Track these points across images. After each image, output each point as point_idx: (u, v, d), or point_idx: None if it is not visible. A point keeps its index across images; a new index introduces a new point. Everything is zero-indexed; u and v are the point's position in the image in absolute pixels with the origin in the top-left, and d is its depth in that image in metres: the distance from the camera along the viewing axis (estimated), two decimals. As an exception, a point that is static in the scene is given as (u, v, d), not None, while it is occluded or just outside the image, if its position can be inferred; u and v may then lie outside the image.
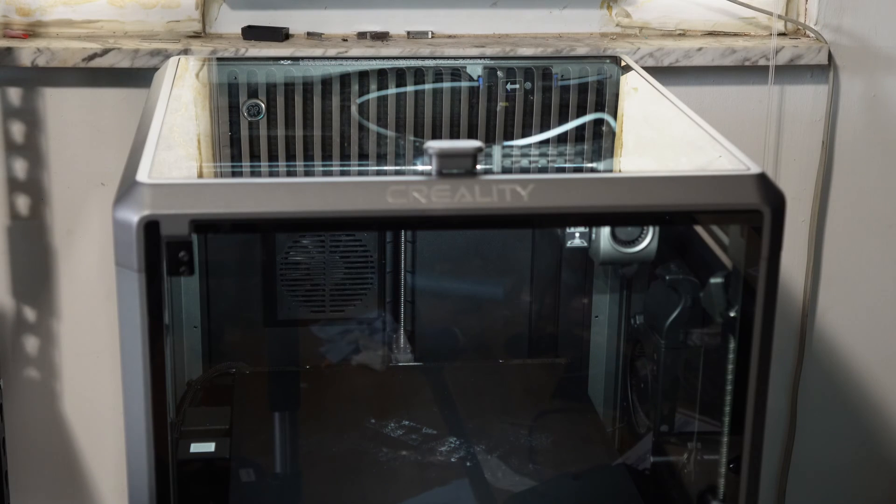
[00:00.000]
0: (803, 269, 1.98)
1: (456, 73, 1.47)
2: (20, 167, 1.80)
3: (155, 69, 1.58)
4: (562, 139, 1.31)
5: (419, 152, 1.20)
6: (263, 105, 1.45)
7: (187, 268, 1.00)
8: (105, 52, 1.75)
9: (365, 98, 1.40)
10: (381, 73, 1.46)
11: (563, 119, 1.36)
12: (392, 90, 1.44)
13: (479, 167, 1.05)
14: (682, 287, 1.29)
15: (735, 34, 1.94)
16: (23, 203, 1.78)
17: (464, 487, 1.38)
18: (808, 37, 1.91)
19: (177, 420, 1.31)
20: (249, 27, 1.85)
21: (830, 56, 1.88)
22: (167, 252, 1.00)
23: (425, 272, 1.57)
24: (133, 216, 0.99)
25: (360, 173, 1.14)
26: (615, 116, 1.35)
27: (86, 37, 1.82)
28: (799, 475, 2.08)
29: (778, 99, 1.90)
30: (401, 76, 1.46)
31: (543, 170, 1.20)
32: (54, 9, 1.85)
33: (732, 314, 1.14)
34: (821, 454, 2.08)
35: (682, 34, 1.93)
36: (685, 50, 1.84)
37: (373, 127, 1.27)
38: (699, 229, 1.25)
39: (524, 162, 1.20)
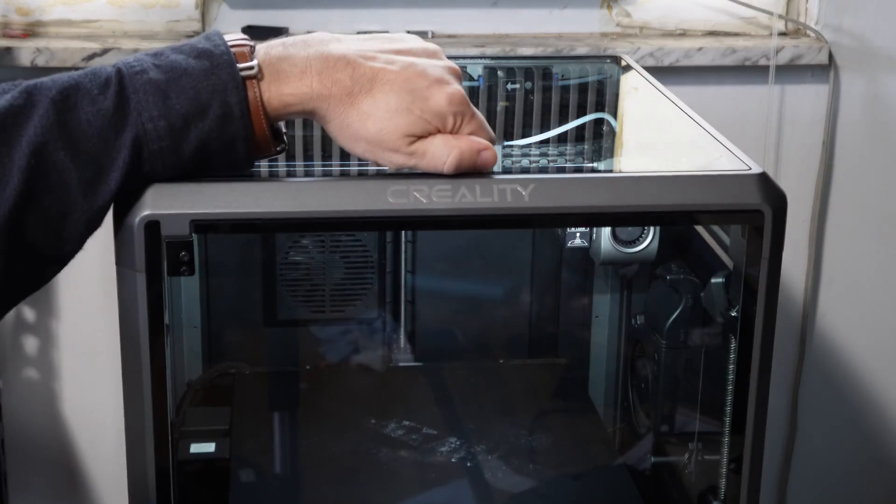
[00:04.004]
0: (804, 269, 1.98)
1: (456, 73, 1.47)
2: (20, 167, 1.79)
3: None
4: (562, 139, 1.31)
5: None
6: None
7: (188, 268, 1.00)
8: (104, 51, 1.75)
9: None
10: (382, 73, 1.46)
11: (563, 119, 1.36)
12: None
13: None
14: (682, 287, 1.29)
15: (735, 34, 1.94)
16: (22, 203, 1.78)
17: (464, 488, 1.37)
18: (809, 36, 1.91)
19: (177, 420, 1.31)
20: (249, 27, 1.85)
21: (831, 56, 1.88)
22: (167, 252, 1.00)
23: (425, 272, 1.57)
24: (133, 216, 0.99)
25: (360, 173, 1.14)
26: (615, 116, 1.35)
27: (85, 36, 1.82)
28: (800, 475, 2.07)
29: (778, 99, 1.90)
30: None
31: (544, 170, 1.20)
32: (53, 8, 1.85)
33: (733, 314, 1.14)
34: (821, 454, 2.08)
35: (683, 34, 1.93)
36: (685, 50, 1.84)
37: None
38: (700, 229, 1.25)
39: (524, 162, 1.20)
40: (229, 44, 0.92)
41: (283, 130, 0.99)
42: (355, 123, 0.94)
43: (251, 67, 0.91)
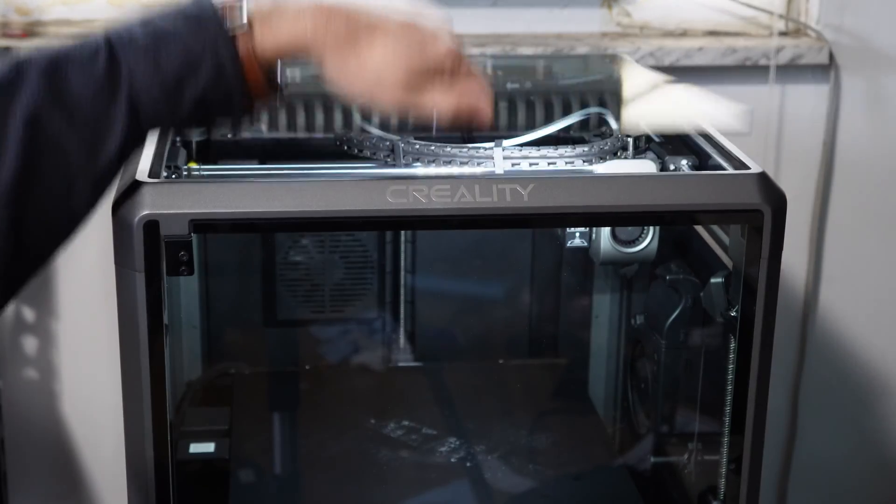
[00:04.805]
0: (804, 269, 1.98)
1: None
2: (20, 167, 1.79)
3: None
4: (562, 140, 1.31)
5: (418, 153, 1.20)
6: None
7: (187, 268, 1.00)
8: (105, 51, 1.75)
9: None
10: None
11: (563, 119, 1.35)
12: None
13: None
14: (682, 287, 1.29)
15: (736, 34, 1.94)
16: (22, 203, 1.78)
17: (464, 488, 1.37)
18: (809, 36, 1.91)
19: (176, 420, 1.31)
20: (249, 27, 1.85)
21: (831, 56, 1.88)
22: (167, 252, 1.00)
23: (425, 272, 1.57)
24: (132, 216, 0.99)
25: (360, 173, 1.15)
26: (615, 116, 1.35)
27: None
28: (799, 475, 2.07)
29: (778, 99, 1.90)
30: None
31: (543, 170, 1.20)
32: (53, 8, 1.85)
33: (733, 314, 1.14)
34: (821, 454, 2.08)
35: (683, 34, 1.93)
36: (686, 49, 1.84)
37: (374, 130, 1.27)
38: (699, 229, 1.25)
39: (524, 162, 1.20)
40: (217, 2, 0.92)
41: (282, 77, 0.97)
42: (353, 65, 0.94)
43: (241, 19, 0.91)
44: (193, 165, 1.20)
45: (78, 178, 0.89)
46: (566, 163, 1.21)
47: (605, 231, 1.33)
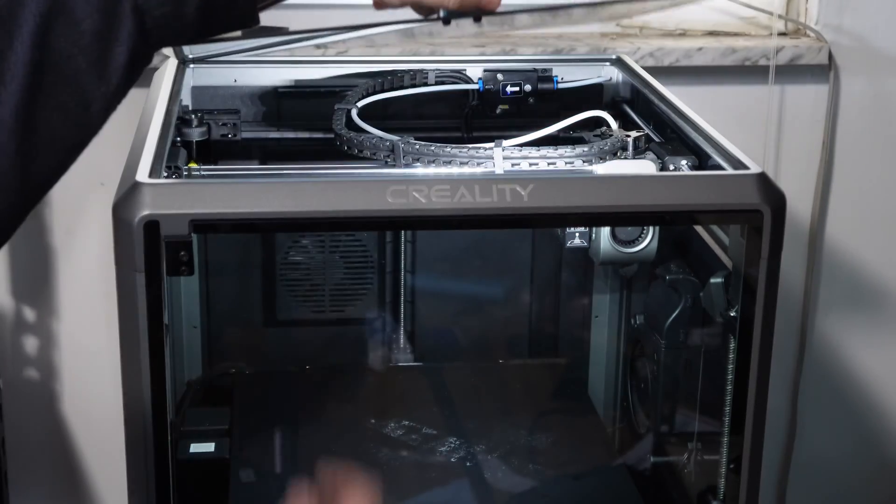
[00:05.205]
0: (803, 269, 1.98)
1: (456, 74, 1.47)
2: (20, 167, 1.79)
3: (155, 69, 1.58)
4: (562, 140, 1.31)
5: (418, 153, 1.20)
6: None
7: (187, 268, 1.00)
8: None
9: (365, 99, 1.40)
10: (381, 74, 1.46)
11: (563, 119, 1.36)
12: (391, 91, 1.44)
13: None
14: (682, 287, 1.29)
15: (735, 34, 1.94)
16: (22, 203, 1.78)
17: (464, 488, 1.37)
18: (809, 36, 1.91)
19: (176, 420, 1.32)
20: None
21: (831, 56, 1.88)
22: (167, 252, 1.00)
23: (425, 272, 1.57)
24: (133, 216, 0.99)
25: (360, 173, 1.15)
26: (615, 116, 1.35)
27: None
28: (799, 475, 2.07)
29: (778, 99, 1.90)
30: (400, 77, 1.46)
31: (543, 170, 1.20)
32: None
33: (732, 314, 1.14)
34: (821, 454, 2.08)
35: (683, 34, 1.93)
36: (685, 50, 1.84)
37: (374, 131, 1.27)
38: (699, 229, 1.25)
39: (524, 163, 1.20)
40: None
41: None
42: None
43: None
44: (193, 165, 1.21)
45: (88, 99, 0.85)
46: (566, 163, 1.21)
47: (605, 231, 1.33)
